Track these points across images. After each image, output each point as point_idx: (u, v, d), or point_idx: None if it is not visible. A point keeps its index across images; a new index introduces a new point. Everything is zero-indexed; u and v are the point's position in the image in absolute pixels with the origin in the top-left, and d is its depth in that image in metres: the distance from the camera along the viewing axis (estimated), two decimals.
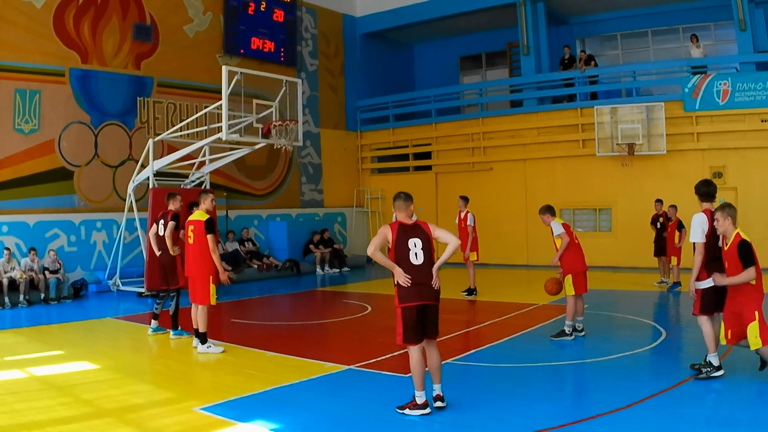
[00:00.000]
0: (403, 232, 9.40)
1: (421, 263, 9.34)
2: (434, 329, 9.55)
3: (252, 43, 30.09)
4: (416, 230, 9.48)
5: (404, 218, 9.57)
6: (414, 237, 9.38)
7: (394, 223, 9.49)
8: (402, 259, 9.32)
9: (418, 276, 9.30)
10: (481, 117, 32.55)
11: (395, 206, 9.66)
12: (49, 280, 21.25)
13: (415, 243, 9.35)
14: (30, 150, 22.82)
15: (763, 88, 25.25)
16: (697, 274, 10.97)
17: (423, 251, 9.38)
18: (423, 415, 9.16)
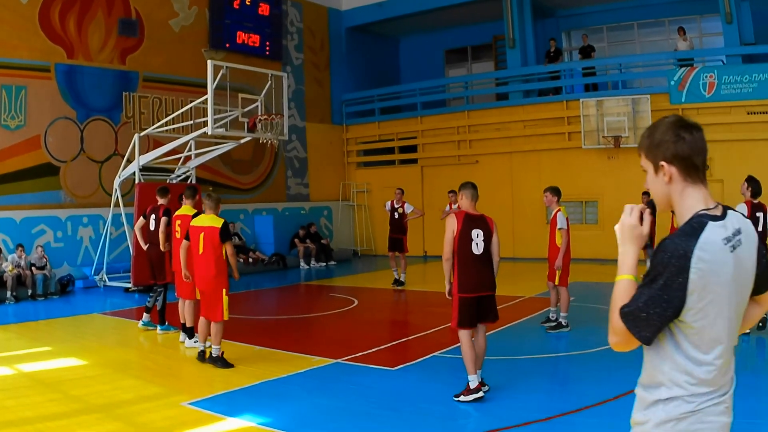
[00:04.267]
0: (468, 222, 9.63)
1: (481, 253, 9.59)
2: (491, 315, 9.80)
3: (237, 37, 30.04)
4: (480, 222, 9.72)
5: (469, 208, 9.84)
6: (477, 228, 9.63)
7: (460, 213, 9.73)
8: (464, 247, 9.56)
9: (477, 266, 9.60)
10: (467, 110, 32.59)
11: (463, 194, 9.93)
12: (36, 276, 21.21)
13: (477, 233, 9.60)
14: (16, 146, 22.74)
15: (749, 80, 25.32)
16: None
17: (484, 243, 9.61)
18: (477, 400, 9.35)
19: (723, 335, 3.24)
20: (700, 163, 3.37)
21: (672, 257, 3.17)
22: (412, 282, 22.80)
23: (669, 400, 3.28)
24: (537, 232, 29.23)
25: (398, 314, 19.17)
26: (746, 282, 3.32)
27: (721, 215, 3.33)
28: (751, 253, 3.33)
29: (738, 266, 3.23)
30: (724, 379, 3.31)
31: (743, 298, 3.34)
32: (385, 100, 35.61)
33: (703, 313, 3.17)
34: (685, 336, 3.25)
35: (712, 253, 3.15)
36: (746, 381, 10.21)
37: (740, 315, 3.35)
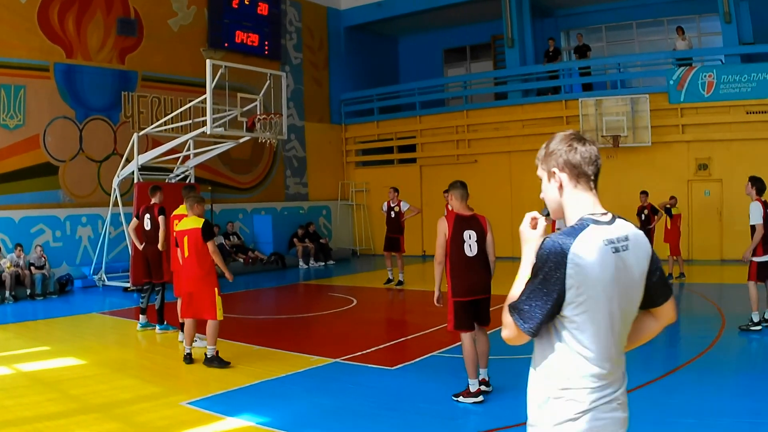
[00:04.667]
0: (460, 224, 9.44)
1: (474, 255, 9.41)
2: (486, 318, 9.66)
3: (236, 36, 30.04)
4: (473, 222, 9.52)
5: (460, 208, 9.61)
6: (469, 229, 9.44)
7: (450, 214, 9.56)
8: (457, 250, 9.40)
9: (470, 269, 9.43)
10: (466, 110, 32.58)
11: (452, 194, 9.71)
12: (34, 275, 21.21)
13: (470, 235, 9.41)
14: (15, 145, 22.73)
15: (748, 80, 25.33)
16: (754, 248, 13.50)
17: (477, 244, 9.43)
18: (476, 403, 9.31)
19: (606, 332, 3.38)
20: (591, 172, 3.68)
21: (550, 254, 3.36)
22: (410, 281, 22.79)
23: (560, 398, 3.41)
24: None
25: (397, 314, 19.16)
26: (631, 287, 3.47)
27: (608, 221, 3.54)
28: (640, 262, 3.51)
29: (621, 269, 3.40)
30: (613, 376, 3.44)
31: (629, 303, 3.48)
32: (384, 99, 35.59)
33: (582, 308, 3.33)
34: (568, 331, 3.40)
35: (589, 252, 3.33)
36: (745, 382, 10.27)
37: (627, 319, 3.51)
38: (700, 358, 11.44)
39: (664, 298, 3.69)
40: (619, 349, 3.49)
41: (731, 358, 11.60)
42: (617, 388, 3.46)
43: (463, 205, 9.60)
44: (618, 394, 3.46)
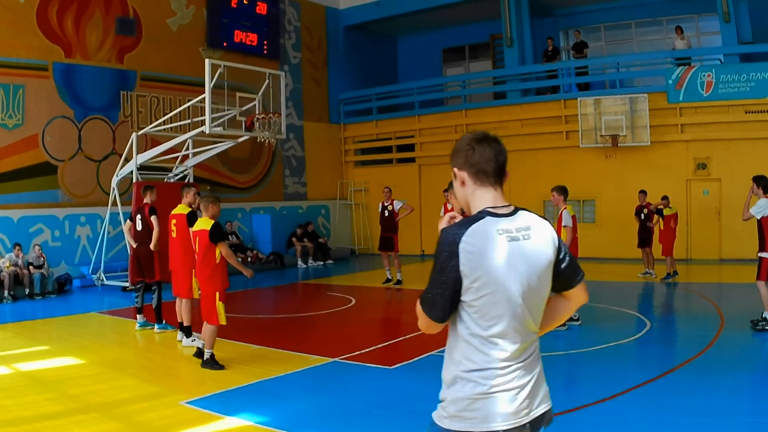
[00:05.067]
0: None
1: None
2: None
3: (235, 36, 30.05)
4: None
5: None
6: None
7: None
8: None
9: None
10: (465, 109, 32.59)
11: (452, 194, 9.54)
12: (33, 275, 21.21)
13: None
14: (14, 145, 22.73)
15: (747, 79, 25.35)
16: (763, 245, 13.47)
17: None
18: None
19: (507, 316, 3.59)
20: (490, 169, 3.79)
21: (444, 244, 3.62)
22: (409, 281, 22.77)
23: (465, 381, 3.66)
24: None
25: (395, 313, 19.18)
26: (534, 273, 3.68)
27: (508, 213, 3.73)
28: (543, 249, 3.73)
29: (518, 256, 3.61)
30: (518, 358, 3.65)
31: (533, 288, 3.67)
32: (383, 99, 35.59)
33: (479, 293, 3.56)
34: (469, 315, 3.64)
35: (481, 241, 3.57)
36: (744, 381, 10.28)
37: (532, 304, 3.69)
38: (699, 357, 11.45)
39: (577, 281, 3.93)
40: (525, 332, 3.68)
41: (730, 357, 11.60)
42: (524, 371, 3.68)
43: None
44: (524, 377, 3.67)
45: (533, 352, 3.77)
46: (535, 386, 3.73)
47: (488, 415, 3.60)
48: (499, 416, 3.59)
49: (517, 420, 3.63)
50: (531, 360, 3.73)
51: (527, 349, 3.71)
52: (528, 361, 3.71)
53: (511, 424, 3.61)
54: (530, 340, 3.73)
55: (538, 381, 3.76)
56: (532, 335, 3.74)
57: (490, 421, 3.59)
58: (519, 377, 3.64)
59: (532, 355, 3.75)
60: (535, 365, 3.76)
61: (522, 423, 3.65)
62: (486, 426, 3.60)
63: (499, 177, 3.83)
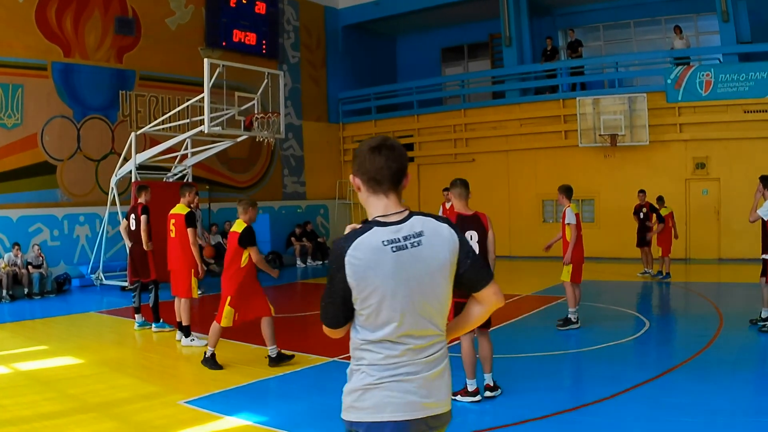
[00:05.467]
0: (462, 224, 9.22)
1: None
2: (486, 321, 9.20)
3: (234, 35, 30.04)
4: (474, 222, 9.38)
5: (461, 208, 9.52)
6: (471, 229, 9.28)
7: (452, 214, 9.52)
8: None
9: None
10: (464, 108, 32.59)
11: (452, 194, 9.63)
12: (32, 274, 21.21)
13: (471, 236, 9.25)
14: (12, 144, 22.73)
15: (746, 79, 25.37)
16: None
17: (478, 244, 9.27)
18: (473, 402, 9.31)
19: (395, 321, 3.76)
20: (382, 177, 3.91)
21: (333, 256, 3.85)
22: None
23: (357, 373, 3.96)
24: (533, 231, 29.34)
25: None
26: (425, 278, 3.82)
27: (398, 221, 3.85)
28: (436, 254, 3.84)
29: (405, 264, 3.75)
30: (411, 360, 3.82)
31: (425, 293, 3.83)
32: (382, 98, 35.58)
33: (367, 302, 3.77)
34: (360, 320, 3.90)
35: (365, 252, 3.74)
36: (743, 380, 10.29)
37: (426, 307, 3.85)
38: (698, 356, 11.45)
39: (483, 284, 4.04)
40: (421, 334, 3.84)
41: (729, 357, 11.60)
42: (420, 369, 3.83)
43: (464, 203, 9.50)
44: (419, 374, 3.83)
45: (435, 353, 3.92)
46: (433, 385, 3.90)
47: (378, 405, 3.80)
48: (388, 407, 3.78)
49: (408, 414, 3.80)
50: (430, 359, 3.89)
51: (426, 349, 3.87)
52: (425, 361, 3.86)
53: (402, 416, 3.78)
54: (429, 341, 3.89)
55: (438, 380, 3.94)
56: (431, 337, 3.90)
57: (380, 412, 3.79)
58: (413, 374, 3.81)
59: (432, 355, 3.90)
60: (435, 365, 3.92)
61: (416, 417, 3.82)
62: (376, 416, 3.80)
63: (393, 184, 3.93)
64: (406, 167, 3.99)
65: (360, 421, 3.87)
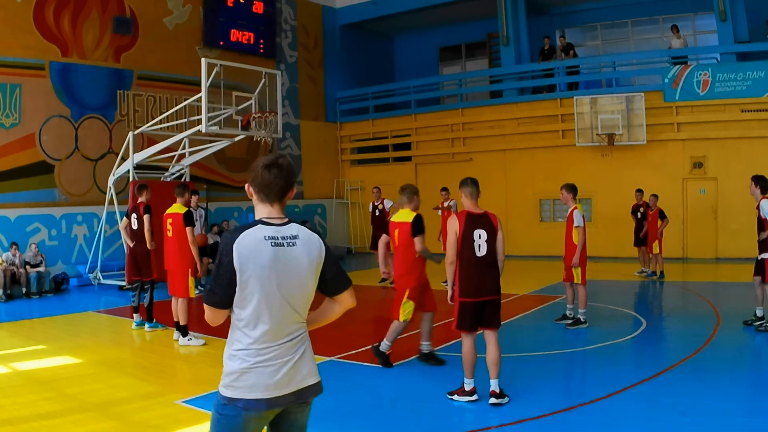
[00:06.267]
0: (471, 223, 9.24)
1: (483, 255, 9.21)
2: (494, 321, 9.39)
3: (231, 35, 30.03)
4: (483, 221, 9.32)
5: (472, 207, 9.46)
6: (480, 228, 9.23)
7: (462, 213, 9.34)
8: (466, 250, 9.21)
9: (479, 269, 9.22)
10: (461, 108, 32.62)
11: (462, 192, 9.56)
12: (30, 274, 21.22)
13: (480, 234, 9.20)
14: (10, 144, 22.72)
15: (744, 78, 25.39)
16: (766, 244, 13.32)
17: (487, 243, 9.22)
18: (470, 402, 9.30)
19: (264, 306, 4.49)
20: (269, 191, 4.71)
21: (224, 244, 4.53)
22: None
23: (232, 356, 4.58)
24: (530, 230, 29.39)
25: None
26: (295, 275, 4.59)
27: (280, 224, 4.65)
28: (305, 257, 4.63)
29: (280, 259, 4.52)
30: (277, 343, 4.55)
31: (293, 287, 4.59)
32: (379, 97, 35.60)
33: (244, 285, 4.46)
34: (237, 305, 4.54)
35: (249, 244, 4.47)
36: (740, 380, 10.30)
37: (293, 300, 4.61)
38: (695, 356, 11.47)
39: (342, 289, 4.91)
40: (286, 321, 4.60)
41: (726, 356, 11.62)
42: (286, 351, 4.58)
43: (475, 202, 9.45)
44: (285, 356, 4.57)
45: (297, 336, 4.66)
46: (298, 363, 4.62)
47: (252, 386, 4.48)
48: (261, 387, 4.48)
49: (277, 391, 4.52)
50: (294, 342, 4.63)
51: (290, 333, 4.61)
52: (290, 344, 4.61)
53: (272, 394, 4.51)
54: (293, 328, 4.65)
55: (302, 359, 4.66)
56: (295, 325, 4.65)
57: (255, 391, 4.48)
58: (279, 356, 4.55)
59: (295, 338, 4.64)
60: (298, 347, 4.66)
61: (284, 393, 4.54)
62: (251, 395, 4.49)
63: (279, 197, 4.73)
64: (293, 183, 4.80)
65: (239, 398, 4.51)
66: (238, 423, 4.56)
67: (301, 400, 4.70)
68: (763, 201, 13.21)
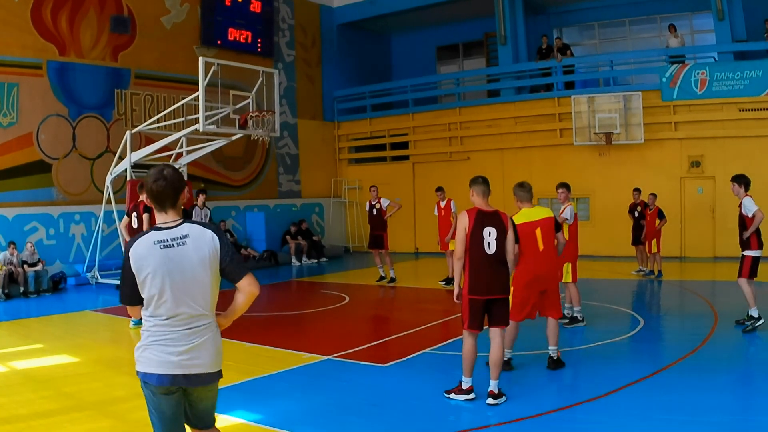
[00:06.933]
0: (481, 220, 9.20)
1: (493, 253, 9.15)
2: (503, 319, 9.37)
3: (229, 34, 30.03)
4: (494, 219, 9.27)
5: (482, 204, 9.43)
6: (490, 226, 9.18)
7: (472, 210, 9.31)
8: (476, 247, 9.15)
9: (488, 267, 9.16)
10: (459, 107, 32.63)
11: (473, 190, 9.53)
12: (27, 273, 21.22)
13: (489, 232, 9.16)
14: (8, 143, 22.73)
15: (741, 77, 25.42)
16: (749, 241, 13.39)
17: (497, 242, 9.17)
18: (467, 401, 9.29)
19: (162, 300, 5.26)
20: (161, 200, 5.42)
21: (125, 250, 5.40)
22: (403, 278, 22.82)
23: (141, 335, 5.43)
24: None
25: (389, 311, 19.18)
26: (186, 269, 5.29)
27: (171, 227, 5.37)
28: (197, 252, 5.33)
29: (170, 258, 5.25)
30: (175, 329, 5.32)
31: (186, 280, 5.30)
32: (377, 96, 35.59)
33: (144, 284, 5.27)
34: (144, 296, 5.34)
35: (141, 250, 5.27)
36: (737, 378, 10.32)
37: (190, 291, 5.32)
38: (692, 355, 11.48)
39: (239, 276, 5.53)
40: (186, 313, 5.31)
41: (723, 354, 11.63)
42: (183, 337, 5.32)
43: (485, 201, 9.42)
44: (181, 341, 5.31)
45: (196, 326, 5.36)
46: (193, 351, 5.32)
47: (148, 360, 5.30)
48: (154, 363, 5.27)
49: (167, 370, 5.26)
50: (192, 331, 5.34)
51: (187, 323, 5.32)
52: (188, 332, 5.33)
53: (163, 371, 5.26)
54: (190, 319, 5.34)
55: (198, 347, 5.35)
56: (193, 316, 5.35)
57: (149, 366, 5.29)
58: (175, 341, 5.28)
59: (193, 328, 5.35)
60: (197, 336, 5.36)
61: (173, 373, 5.27)
62: (146, 368, 5.31)
63: (171, 203, 5.44)
64: (181, 188, 5.47)
65: (140, 371, 5.36)
66: (146, 394, 5.45)
67: (191, 384, 5.40)
68: (746, 199, 13.24)
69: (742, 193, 13.35)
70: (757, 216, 13.01)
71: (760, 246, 13.32)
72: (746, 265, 13.33)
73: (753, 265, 13.34)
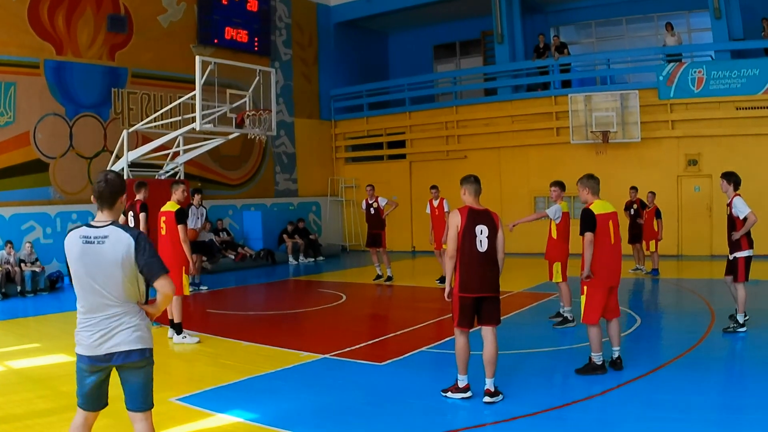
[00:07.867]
0: (473, 218, 9.23)
1: (485, 251, 9.18)
2: (493, 318, 9.34)
3: (226, 32, 30.03)
4: (485, 217, 9.31)
5: (473, 203, 9.45)
6: (481, 224, 9.21)
7: (464, 208, 9.34)
8: (467, 245, 9.17)
9: (479, 265, 9.17)
10: (456, 105, 32.64)
11: (465, 189, 9.53)
12: (25, 272, 21.20)
13: (481, 230, 9.18)
14: (5, 142, 22.72)
15: (738, 76, 25.45)
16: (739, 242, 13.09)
17: (488, 240, 9.21)
18: (464, 399, 9.30)
19: (83, 290, 6.00)
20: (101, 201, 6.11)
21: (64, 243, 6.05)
22: (399, 277, 22.82)
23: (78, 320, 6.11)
24: (525, 228, 29.29)
25: (386, 309, 19.19)
26: (104, 266, 5.91)
27: (99, 226, 6.00)
28: (113, 252, 5.90)
29: (89, 254, 5.90)
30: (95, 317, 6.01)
31: (104, 276, 5.93)
32: (374, 95, 35.60)
33: (72, 276, 6.01)
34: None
35: (70, 242, 5.99)
36: (734, 377, 10.33)
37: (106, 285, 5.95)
38: (689, 353, 11.48)
39: (155, 277, 6.11)
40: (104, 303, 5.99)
41: (720, 353, 11.66)
42: (101, 323, 6.02)
43: (476, 199, 9.45)
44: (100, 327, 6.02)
45: (113, 315, 6.04)
46: (111, 334, 6.04)
47: (79, 343, 6.09)
48: (83, 346, 6.06)
49: (92, 351, 6.04)
50: (110, 319, 6.03)
51: (105, 312, 6.00)
52: (106, 320, 6.02)
53: (89, 353, 6.05)
54: (107, 308, 6.01)
55: (116, 331, 6.06)
56: (110, 306, 6.02)
57: (80, 348, 6.09)
58: (95, 327, 6.00)
59: (111, 316, 6.03)
60: (114, 322, 6.05)
61: (96, 354, 6.04)
62: (78, 350, 6.11)
63: (108, 205, 6.12)
64: (119, 191, 6.15)
65: (76, 353, 6.13)
66: (78, 369, 6.23)
67: (113, 363, 6.19)
68: (736, 198, 13.08)
69: (731, 191, 13.17)
70: (749, 218, 12.76)
71: (750, 245, 13.11)
72: (742, 267, 13.05)
73: (747, 266, 13.16)
